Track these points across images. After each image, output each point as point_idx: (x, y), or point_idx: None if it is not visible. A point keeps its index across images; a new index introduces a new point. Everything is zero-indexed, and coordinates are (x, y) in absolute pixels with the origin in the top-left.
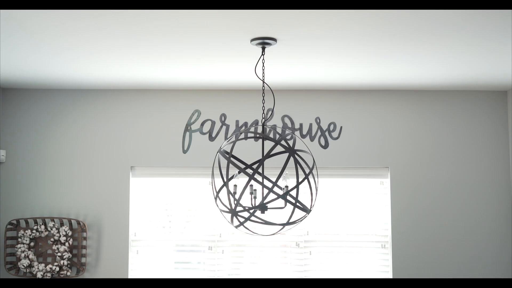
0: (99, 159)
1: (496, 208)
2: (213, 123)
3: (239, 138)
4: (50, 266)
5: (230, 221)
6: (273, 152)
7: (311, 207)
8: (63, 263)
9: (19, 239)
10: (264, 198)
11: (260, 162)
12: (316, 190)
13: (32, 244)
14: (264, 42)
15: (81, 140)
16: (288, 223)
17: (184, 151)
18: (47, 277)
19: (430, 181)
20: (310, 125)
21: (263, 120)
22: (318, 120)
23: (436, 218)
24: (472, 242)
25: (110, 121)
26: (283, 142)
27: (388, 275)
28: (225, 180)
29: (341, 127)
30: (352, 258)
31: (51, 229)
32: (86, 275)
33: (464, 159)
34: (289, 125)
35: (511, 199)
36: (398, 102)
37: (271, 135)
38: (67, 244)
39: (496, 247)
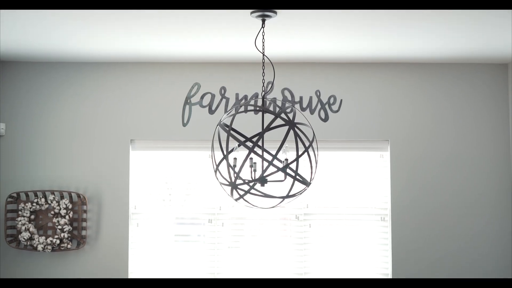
0: (99, 132)
1: (496, 182)
2: (213, 96)
3: (239, 111)
4: (50, 238)
5: (230, 194)
6: (273, 125)
7: (311, 180)
8: (64, 235)
9: (20, 212)
10: (264, 171)
11: (260, 135)
12: (316, 163)
13: (32, 217)
14: (264, 14)
15: (81, 113)
16: (287, 196)
17: (184, 124)
18: (48, 250)
19: (430, 154)
20: (310, 98)
21: (263, 93)
22: (318, 93)
23: (436, 191)
24: (472, 216)
25: (110, 94)
26: (283, 115)
27: (387, 247)
28: (225, 153)
29: (341, 100)
30: (351, 231)
31: (51, 202)
32: (87, 247)
33: (464, 133)
34: (289, 98)
35: (511, 172)
36: (398, 75)
37: (271, 108)
38: (67, 217)
39: (496, 221)
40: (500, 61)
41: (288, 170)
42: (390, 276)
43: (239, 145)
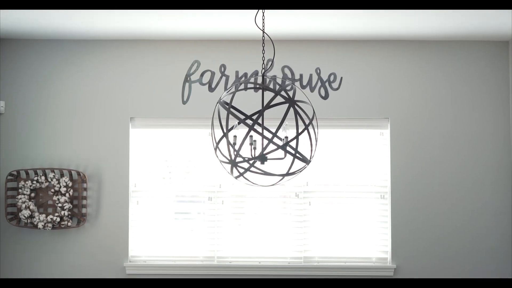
0: (98, 110)
1: (496, 160)
2: (213, 73)
3: (239, 88)
4: (51, 216)
5: (230, 172)
6: (273, 103)
7: (310, 158)
8: (64, 213)
9: (20, 190)
10: (263, 148)
11: (260, 112)
12: (316, 141)
13: (32, 195)
14: None
15: (80, 91)
16: (287, 174)
17: (184, 102)
18: (48, 228)
19: (430, 132)
20: (310, 75)
21: (263, 70)
22: (318, 71)
23: (436, 169)
24: (472, 194)
25: (110, 72)
26: (283, 93)
27: (387, 225)
28: (224, 131)
29: (341, 78)
30: (351, 208)
31: (52, 180)
32: (87, 225)
33: (464, 111)
34: (289, 75)
35: (511, 151)
36: (398, 53)
37: (271, 86)
38: (67, 195)
39: (497, 200)
40: (501, 38)
41: (288, 148)
42: (389, 254)
43: (239, 123)
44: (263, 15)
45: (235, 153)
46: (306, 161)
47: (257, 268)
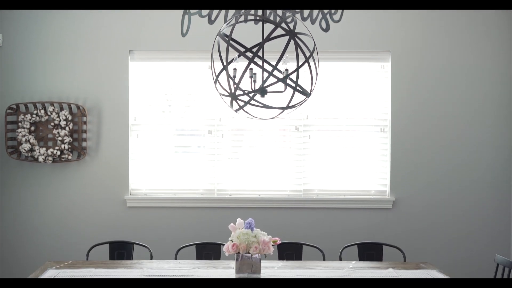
0: (97, 43)
1: (497, 91)
2: None
3: (239, 21)
4: (51, 150)
5: (229, 105)
6: (273, 35)
7: (311, 91)
8: (64, 147)
9: (20, 124)
10: (264, 81)
11: (260, 45)
12: (316, 73)
13: (32, 128)
14: None
15: (80, 24)
16: (287, 107)
17: (183, 35)
18: (49, 161)
19: (431, 65)
20: None
21: None
22: None
23: (436, 102)
24: (473, 125)
25: None
26: (283, 25)
27: (387, 158)
28: (224, 63)
29: (342, 10)
30: (351, 141)
31: (51, 113)
32: (87, 159)
33: (465, 43)
34: None
35: None
36: None
37: (272, 18)
38: (67, 128)
39: (497, 132)
40: None
41: (288, 81)
42: (388, 187)
43: (239, 56)
44: None
45: (235, 86)
46: (306, 94)
47: (257, 200)
